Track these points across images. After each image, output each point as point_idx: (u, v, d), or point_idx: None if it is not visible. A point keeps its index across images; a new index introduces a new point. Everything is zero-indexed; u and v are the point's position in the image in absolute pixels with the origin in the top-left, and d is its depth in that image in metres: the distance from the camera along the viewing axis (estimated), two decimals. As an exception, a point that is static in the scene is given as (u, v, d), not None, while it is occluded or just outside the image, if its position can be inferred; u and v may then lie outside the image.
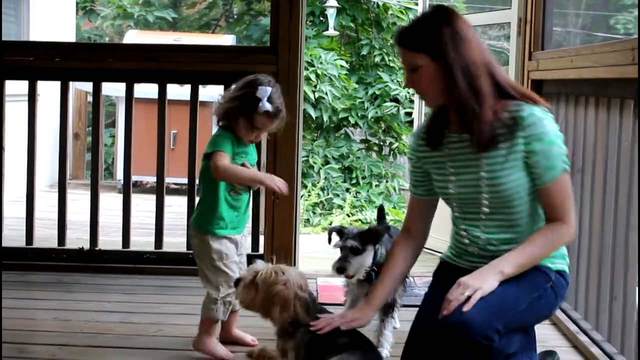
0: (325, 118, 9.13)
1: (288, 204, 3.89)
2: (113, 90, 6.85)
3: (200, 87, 4.13)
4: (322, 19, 10.05)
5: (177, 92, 5.07)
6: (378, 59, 10.10)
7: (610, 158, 2.91)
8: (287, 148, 3.86)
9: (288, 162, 3.88)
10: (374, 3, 10.43)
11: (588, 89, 3.18)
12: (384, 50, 10.09)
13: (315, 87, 8.84)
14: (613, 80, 2.86)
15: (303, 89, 4.00)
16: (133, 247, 4.17)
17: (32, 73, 4.08)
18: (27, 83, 4.09)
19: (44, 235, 4.36)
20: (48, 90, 5.55)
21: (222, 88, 4.07)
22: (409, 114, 9.27)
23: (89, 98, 7.76)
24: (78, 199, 5.55)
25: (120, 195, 4.25)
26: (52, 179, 6.73)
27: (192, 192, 4.05)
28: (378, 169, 9.41)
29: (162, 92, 4.06)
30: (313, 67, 8.86)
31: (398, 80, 9.79)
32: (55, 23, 7.54)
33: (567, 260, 2.31)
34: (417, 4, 7.87)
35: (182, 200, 4.29)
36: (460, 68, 2.13)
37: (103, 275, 3.95)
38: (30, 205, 4.11)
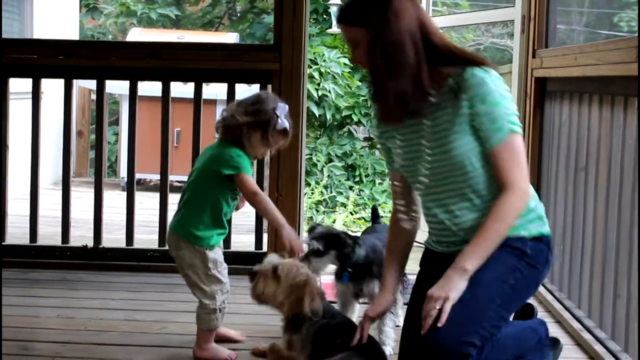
0: (329, 116, 9.11)
1: (291, 202, 3.90)
2: (116, 88, 6.85)
3: (204, 84, 4.14)
4: (325, 17, 10.01)
5: (180, 89, 5.08)
6: (381, 57, 10.07)
7: (614, 156, 2.90)
8: (290, 146, 3.84)
9: (291, 160, 3.89)
10: (377, 0, 10.40)
11: (592, 87, 3.17)
12: (387, 48, 10.06)
13: (319, 85, 8.82)
14: (617, 78, 2.85)
15: (306, 87, 3.99)
16: (137, 244, 4.17)
17: (35, 71, 4.08)
18: (30, 81, 4.09)
19: (48, 233, 4.38)
20: (51, 88, 5.57)
21: (225, 86, 4.09)
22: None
23: (93, 96, 7.77)
24: (82, 197, 5.57)
25: (124, 193, 4.27)
26: (55, 177, 6.75)
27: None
28: (381, 167, 9.36)
29: (165, 89, 4.06)
30: (316, 65, 8.84)
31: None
32: (59, 21, 7.54)
33: (544, 221, 2.22)
34: (420, 1, 7.86)
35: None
36: (382, 41, 2.09)
37: (107, 273, 3.95)
38: (34, 203, 4.12)
